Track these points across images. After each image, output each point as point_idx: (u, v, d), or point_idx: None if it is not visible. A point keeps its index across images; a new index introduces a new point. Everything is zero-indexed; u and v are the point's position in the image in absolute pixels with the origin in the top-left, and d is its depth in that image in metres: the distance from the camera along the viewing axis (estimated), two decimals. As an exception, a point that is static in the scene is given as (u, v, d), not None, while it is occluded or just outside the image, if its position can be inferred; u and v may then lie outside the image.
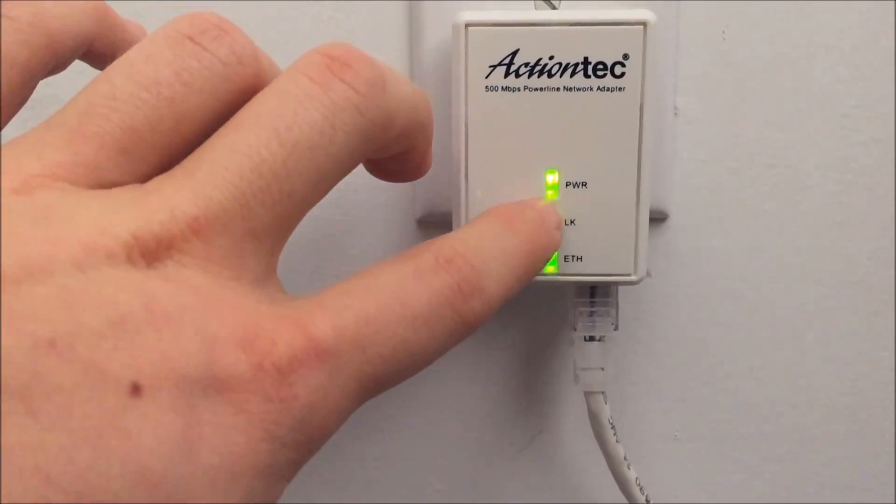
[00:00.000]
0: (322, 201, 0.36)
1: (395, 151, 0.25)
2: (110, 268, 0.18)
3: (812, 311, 0.37)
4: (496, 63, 0.30)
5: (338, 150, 0.21)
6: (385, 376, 0.21)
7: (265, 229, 0.20)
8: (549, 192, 0.31)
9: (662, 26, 0.33)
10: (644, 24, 0.30)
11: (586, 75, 0.30)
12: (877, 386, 0.38)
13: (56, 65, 0.23)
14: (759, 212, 0.37)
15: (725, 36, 0.35)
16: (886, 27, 0.35)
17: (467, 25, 0.30)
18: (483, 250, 0.24)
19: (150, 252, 0.18)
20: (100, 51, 0.25)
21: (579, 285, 0.34)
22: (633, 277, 0.32)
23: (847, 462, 0.39)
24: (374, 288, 0.21)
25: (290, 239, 0.36)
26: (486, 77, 0.30)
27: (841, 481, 0.39)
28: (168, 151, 0.20)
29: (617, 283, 0.33)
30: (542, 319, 0.38)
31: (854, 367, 0.38)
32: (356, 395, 0.20)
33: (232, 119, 0.21)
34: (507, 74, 0.30)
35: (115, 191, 0.19)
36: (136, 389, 0.17)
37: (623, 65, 0.30)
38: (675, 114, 0.36)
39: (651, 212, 0.34)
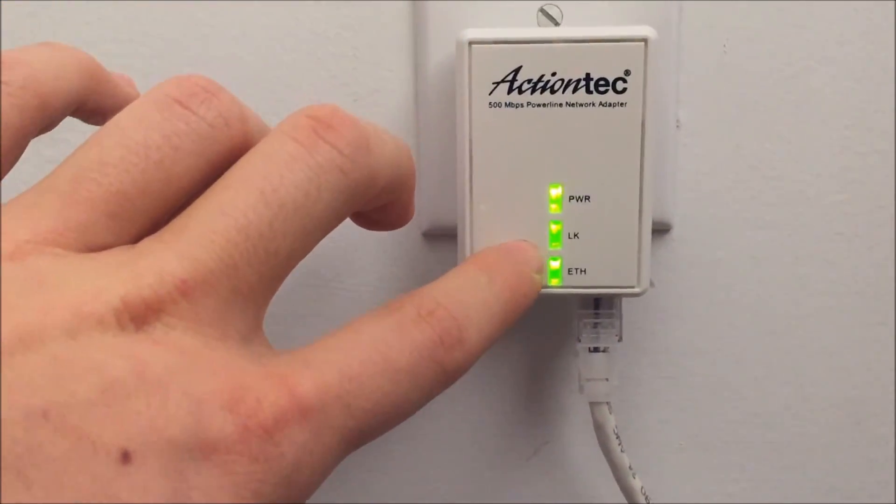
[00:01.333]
0: (329, 216, 0.37)
1: (379, 204, 0.26)
2: (100, 333, 0.18)
3: (815, 321, 0.38)
4: (499, 80, 0.30)
5: (322, 209, 0.22)
6: (369, 429, 0.21)
7: (252, 289, 0.21)
8: (553, 206, 0.31)
9: (664, 40, 0.34)
10: (645, 40, 0.30)
11: (588, 91, 0.30)
12: (881, 395, 0.38)
13: (47, 125, 0.23)
14: (761, 223, 0.37)
15: (727, 49, 0.36)
16: (886, 39, 0.35)
17: (471, 43, 0.30)
18: (464, 301, 0.24)
19: (140, 316, 0.19)
20: (90, 107, 0.25)
21: (583, 297, 0.34)
22: (636, 289, 0.32)
23: (852, 470, 0.39)
24: (356, 343, 0.22)
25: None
26: (490, 93, 0.31)
27: (846, 489, 0.39)
28: (157, 212, 0.21)
29: (620, 296, 0.33)
30: (547, 331, 0.38)
31: (858, 376, 0.38)
32: (340, 449, 0.21)
33: (220, 180, 0.21)
34: (510, 91, 0.31)
35: (105, 254, 0.20)
36: (125, 457, 0.17)
37: (625, 80, 0.30)
38: (678, 126, 0.36)
39: (654, 223, 0.35)
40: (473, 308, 0.25)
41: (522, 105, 0.31)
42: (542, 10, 0.34)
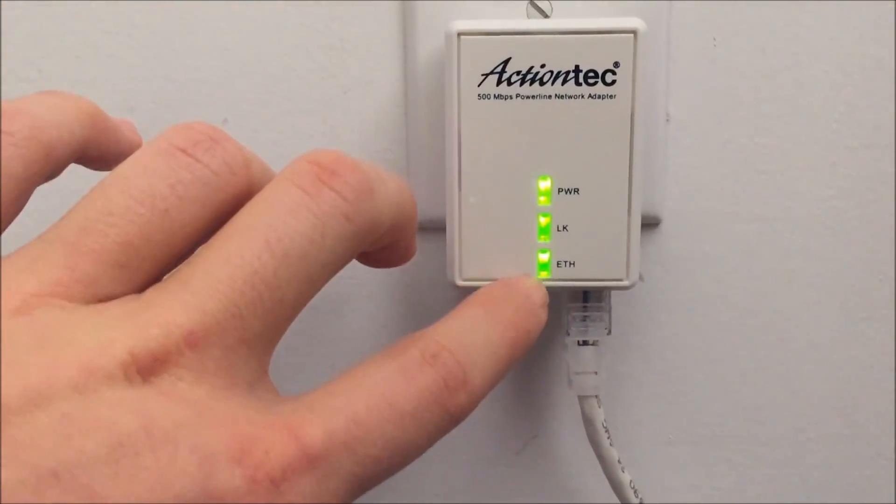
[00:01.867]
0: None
1: (382, 245, 0.26)
2: (108, 388, 0.18)
3: (804, 316, 0.38)
4: (488, 71, 0.30)
5: (327, 255, 0.22)
6: (375, 474, 0.21)
7: (257, 336, 0.21)
8: (542, 199, 0.31)
9: (654, 33, 0.34)
10: (634, 32, 0.30)
11: (577, 83, 0.30)
12: (869, 389, 0.38)
13: (51, 173, 0.23)
14: (750, 217, 0.37)
15: (717, 43, 0.36)
16: (877, 34, 0.35)
17: (460, 34, 0.30)
18: (467, 343, 0.24)
19: (147, 368, 0.19)
20: (92, 154, 0.25)
21: (572, 290, 0.34)
22: (625, 283, 0.32)
23: (840, 465, 0.39)
24: (361, 388, 0.22)
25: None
26: (479, 85, 0.31)
27: (834, 484, 0.39)
28: (163, 261, 0.21)
29: (609, 288, 0.33)
30: (536, 324, 0.38)
31: (846, 370, 0.38)
32: (347, 495, 0.21)
33: (224, 228, 0.22)
34: (499, 82, 0.30)
35: (111, 305, 0.20)
36: None
37: (614, 73, 0.30)
38: (667, 120, 0.36)
39: (643, 217, 0.35)
40: (477, 350, 0.25)
41: (511, 97, 0.31)
42: (531, 2, 0.34)
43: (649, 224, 0.37)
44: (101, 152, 0.25)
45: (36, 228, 0.21)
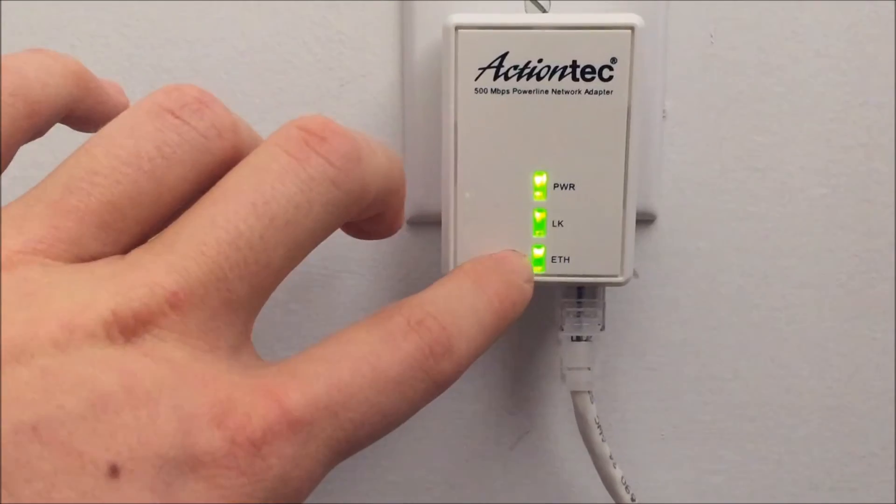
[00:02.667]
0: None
1: (369, 215, 0.26)
2: (90, 347, 0.18)
3: (797, 313, 0.38)
4: (486, 65, 0.30)
5: (313, 221, 0.22)
6: (357, 440, 0.21)
7: (241, 300, 0.21)
8: (538, 194, 0.31)
9: (651, 30, 0.34)
10: (632, 28, 0.30)
11: (574, 78, 0.30)
12: (861, 387, 0.39)
13: (36, 132, 0.23)
14: (745, 214, 0.37)
15: (714, 39, 0.36)
16: (873, 33, 0.35)
17: (457, 28, 0.30)
18: (453, 311, 0.25)
19: (129, 328, 0.19)
20: (79, 115, 0.25)
21: (566, 286, 0.34)
22: (619, 278, 0.32)
23: (831, 462, 0.39)
24: (345, 354, 0.22)
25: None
26: (476, 79, 0.30)
27: (825, 481, 0.39)
28: (148, 223, 0.21)
29: (604, 284, 0.33)
30: (530, 319, 0.38)
31: (839, 368, 0.38)
32: (328, 460, 0.21)
33: (210, 191, 0.21)
34: (496, 77, 0.30)
35: (95, 264, 0.20)
36: (114, 471, 0.17)
37: (611, 68, 0.30)
38: (664, 116, 0.36)
39: (639, 213, 0.35)
40: (463, 317, 0.25)
41: (508, 91, 0.30)
42: (529, -3, 0.34)
43: (644, 220, 0.37)
44: (87, 112, 0.25)
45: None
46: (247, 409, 0.19)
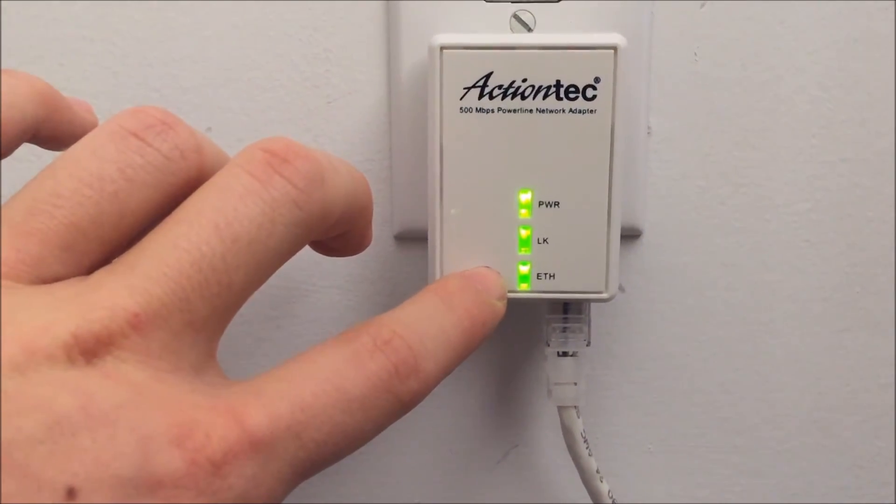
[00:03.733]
0: (300, 218, 0.36)
1: (335, 233, 0.26)
2: (49, 369, 0.18)
3: (782, 327, 0.38)
4: (470, 85, 0.31)
5: (277, 242, 0.22)
6: (321, 460, 0.21)
7: (204, 321, 0.21)
8: (523, 211, 0.32)
9: (635, 48, 0.34)
10: (615, 48, 0.30)
11: (558, 98, 0.31)
12: (846, 400, 0.39)
13: (2, 152, 0.23)
14: (730, 229, 0.37)
15: (697, 57, 0.36)
16: (855, 50, 0.36)
17: (442, 48, 0.30)
18: (421, 330, 0.25)
19: (90, 350, 0.19)
20: (46, 134, 0.25)
21: (552, 302, 0.34)
22: (604, 295, 0.32)
23: (817, 475, 0.40)
24: (310, 374, 0.22)
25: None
26: (461, 99, 0.31)
27: (811, 494, 0.40)
28: (111, 244, 0.21)
29: (589, 300, 0.33)
30: (517, 335, 0.38)
31: (824, 381, 0.39)
32: (290, 479, 0.21)
33: (174, 213, 0.22)
34: (481, 96, 0.31)
35: (57, 286, 0.20)
36: (71, 493, 0.17)
37: (594, 88, 0.31)
38: (649, 133, 0.36)
39: (624, 229, 0.35)
40: (430, 337, 0.25)
41: (493, 111, 0.31)
42: (515, 16, 0.34)
43: (630, 236, 0.37)
44: (54, 132, 0.25)
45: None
46: (207, 430, 0.19)
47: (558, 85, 0.30)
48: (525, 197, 0.32)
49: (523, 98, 0.31)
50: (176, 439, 0.19)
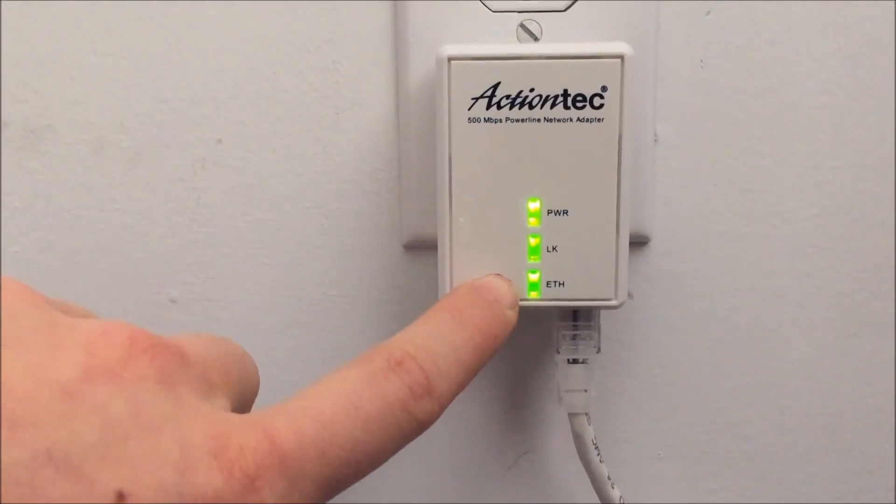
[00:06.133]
0: (311, 227, 0.37)
1: None
2: (107, 374, 0.19)
3: (791, 332, 0.38)
4: (478, 95, 0.31)
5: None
6: (344, 478, 0.22)
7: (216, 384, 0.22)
8: (532, 220, 0.32)
9: (641, 56, 0.34)
10: (621, 57, 0.31)
11: (566, 107, 0.31)
12: (855, 405, 0.39)
13: None
14: (737, 235, 0.37)
15: (704, 64, 0.36)
16: (860, 56, 0.36)
17: (450, 59, 0.31)
18: (433, 350, 0.25)
19: (143, 360, 0.20)
20: None
21: (562, 309, 0.34)
22: (613, 302, 0.32)
23: (827, 480, 0.40)
24: (328, 393, 0.23)
25: (283, 263, 0.37)
26: (469, 109, 0.31)
27: (820, 499, 0.40)
28: None
29: (598, 308, 0.33)
30: (527, 342, 0.38)
31: (832, 386, 0.39)
32: (315, 497, 0.21)
33: None
34: (489, 106, 0.31)
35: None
36: (120, 497, 0.18)
37: (602, 96, 0.31)
38: (655, 140, 0.36)
39: (632, 236, 0.35)
40: (443, 356, 0.26)
41: (501, 120, 0.31)
42: (521, 26, 0.34)
43: (638, 242, 0.37)
44: None
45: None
46: (240, 442, 0.20)
47: (566, 94, 0.31)
48: (534, 205, 0.32)
49: (531, 107, 0.31)
50: (214, 450, 0.19)
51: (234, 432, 0.20)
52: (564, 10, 0.34)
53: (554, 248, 0.32)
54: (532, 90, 0.31)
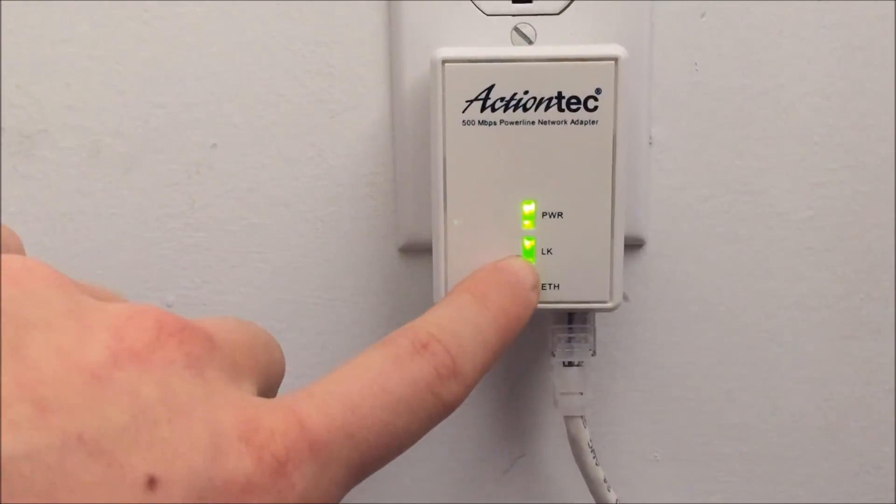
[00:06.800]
0: (306, 231, 0.37)
1: None
2: (136, 358, 0.19)
3: (786, 334, 0.38)
4: (472, 98, 0.31)
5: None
6: (371, 461, 0.22)
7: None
8: (527, 222, 0.32)
9: (635, 59, 0.34)
10: (615, 59, 0.31)
11: (560, 109, 0.31)
12: (851, 407, 0.39)
13: None
14: (733, 237, 0.37)
15: (698, 67, 0.36)
16: (855, 58, 0.36)
17: (444, 62, 0.31)
18: (457, 332, 0.25)
19: (171, 345, 0.19)
20: None
21: (557, 312, 0.34)
22: (608, 304, 0.32)
23: (822, 481, 0.40)
24: (355, 376, 0.23)
25: (279, 267, 0.37)
26: (463, 111, 0.31)
27: (817, 500, 0.40)
28: None
29: (594, 310, 0.33)
30: (523, 345, 0.38)
31: (828, 388, 0.39)
32: (345, 481, 0.21)
33: None
34: (483, 109, 0.31)
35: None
36: (151, 483, 0.17)
37: (596, 99, 0.31)
38: (650, 143, 0.36)
39: (628, 238, 0.35)
40: (467, 338, 0.26)
41: (495, 123, 0.31)
42: (516, 29, 0.34)
43: (634, 245, 0.37)
44: None
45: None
46: (271, 427, 0.20)
47: (560, 96, 0.31)
48: (528, 208, 0.32)
49: (525, 110, 0.31)
50: (244, 435, 0.19)
51: (264, 417, 0.20)
52: (559, 13, 0.34)
53: (549, 251, 0.32)
54: (526, 92, 0.31)
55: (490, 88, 0.31)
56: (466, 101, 0.31)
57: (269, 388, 0.23)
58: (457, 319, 0.26)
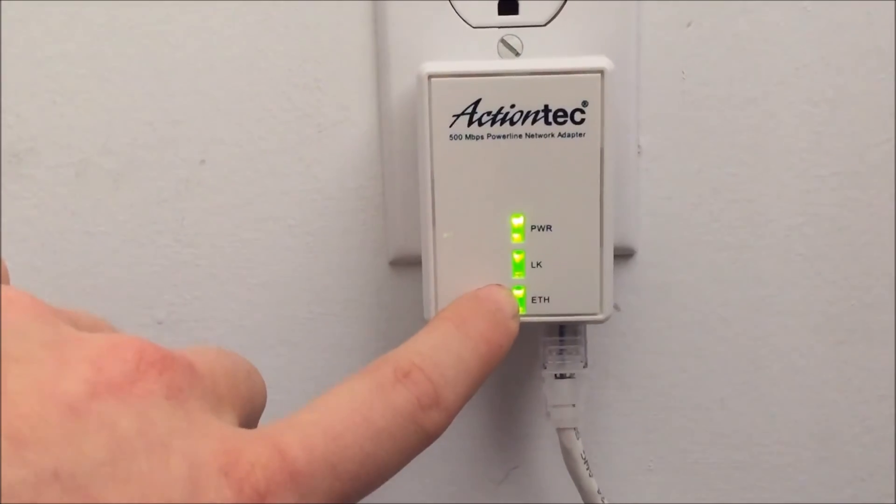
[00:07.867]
0: (296, 245, 0.37)
1: None
2: (114, 390, 0.18)
3: (779, 341, 0.38)
4: (459, 112, 0.31)
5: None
6: (353, 491, 0.22)
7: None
8: (516, 236, 0.32)
9: (622, 68, 0.34)
10: (601, 71, 0.31)
11: (547, 122, 0.31)
12: (845, 412, 0.39)
13: None
14: (723, 245, 0.37)
15: (685, 76, 0.36)
16: (842, 64, 0.36)
17: (430, 77, 0.31)
18: (439, 361, 0.25)
19: (151, 376, 0.19)
20: None
21: (548, 325, 0.34)
22: (599, 316, 0.32)
23: (816, 489, 0.40)
24: (337, 406, 0.23)
25: (269, 282, 0.37)
26: (450, 126, 0.31)
27: (812, 507, 0.40)
28: None
29: (584, 322, 0.33)
30: (514, 358, 0.38)
31: (821, 395, 0.39)
32: None
33: None
34: (470, 123, 0.31)
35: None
36: None
37: (582, 111, 0.31)
38: (639, 152, 0.36)
39: (618, 248, 0.35)
40: (449, 367, 0.26)
41: (482, 137, 0.31)
42: (502, 41, 0.34)
43: (624, 255, 0.37)
44: None
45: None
46: (251, 459, 0.20)
47: (546, 109, 0.31)
48: (517, 221, 0.32)
49: (512, 123, 0.31)
50: (224, 467, 0.19)
51: (245, 448, 0.20)
52: (545, 24, 0.34)
53: (538, 264, 0.32)
54: (513, 106, 0.31)
55: (476, 103, 0.31)
56: (453, 116, 0.31)
57: (250, 418, 0.23)
58: (439, 348, 0.26)
